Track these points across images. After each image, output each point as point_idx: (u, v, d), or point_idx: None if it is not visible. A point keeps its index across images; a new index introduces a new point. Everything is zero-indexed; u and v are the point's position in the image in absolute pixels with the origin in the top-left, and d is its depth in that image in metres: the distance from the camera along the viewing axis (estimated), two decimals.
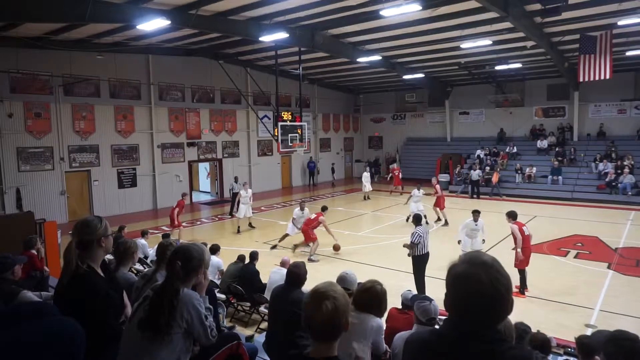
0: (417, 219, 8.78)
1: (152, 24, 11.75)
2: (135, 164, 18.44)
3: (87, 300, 2.48)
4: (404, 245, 8.56)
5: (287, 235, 12.17)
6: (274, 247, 12.10)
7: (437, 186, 15.33)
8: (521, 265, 8.42)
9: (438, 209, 15.14)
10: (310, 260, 10.72)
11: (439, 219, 15.21)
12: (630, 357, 2.05)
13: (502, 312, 1.49)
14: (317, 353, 1.78)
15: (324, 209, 12.07)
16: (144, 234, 10.10)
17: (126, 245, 3.93)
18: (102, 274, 2.68)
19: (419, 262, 8.34)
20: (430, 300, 3.80)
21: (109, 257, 3.59)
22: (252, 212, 15.17)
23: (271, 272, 7.08)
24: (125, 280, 3.66)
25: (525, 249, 8.45)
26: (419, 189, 14.82)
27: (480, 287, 1.46)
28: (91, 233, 2.63)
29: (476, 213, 9.75)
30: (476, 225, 9.67)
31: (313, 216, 11.68)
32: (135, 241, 4.16)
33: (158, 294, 2.35)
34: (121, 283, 3.18)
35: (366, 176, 20.73)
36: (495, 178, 20.62)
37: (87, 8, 10.54)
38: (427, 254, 8.37)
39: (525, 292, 8.50)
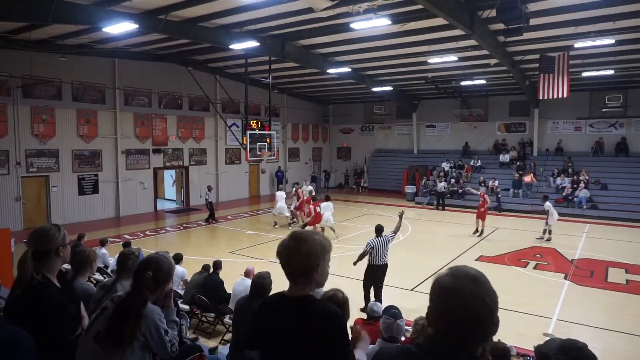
0: (377, 230, 8.62)
1: (119, 27, 11.46)
2: (98, 170, 17.84)
3: (42, 312, 2.37)
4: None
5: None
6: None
7: (485, 196, 15.43)
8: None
9: (480, 220, 15.03)
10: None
11: (476, 231, 15.06)
12: None
13: (491, 328, 1.45)
14: (292, 292, 1.98)
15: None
16: (103, 243, 9.56)
17: (84, 254, 3.78)
18: (58, 285, 2.57)
19: (367, 272, 8.29)
20: (397, 318, 3.72)
21: (66, 266, 3.45)
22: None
23: (235, 283, 6.94)
24: (83, 291, 3.53)
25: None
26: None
27: (473, 302, 1.42)
28: (48, 242, 2.52)
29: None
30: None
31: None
32: (94, 250, 4.01)
33: (125, 303, 2.28)
34: (79, 294, 3.06)
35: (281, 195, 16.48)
36: (530, 178, 20.48)
37: (52, 8, 10.19)
38: (377, 266, 8.19)
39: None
